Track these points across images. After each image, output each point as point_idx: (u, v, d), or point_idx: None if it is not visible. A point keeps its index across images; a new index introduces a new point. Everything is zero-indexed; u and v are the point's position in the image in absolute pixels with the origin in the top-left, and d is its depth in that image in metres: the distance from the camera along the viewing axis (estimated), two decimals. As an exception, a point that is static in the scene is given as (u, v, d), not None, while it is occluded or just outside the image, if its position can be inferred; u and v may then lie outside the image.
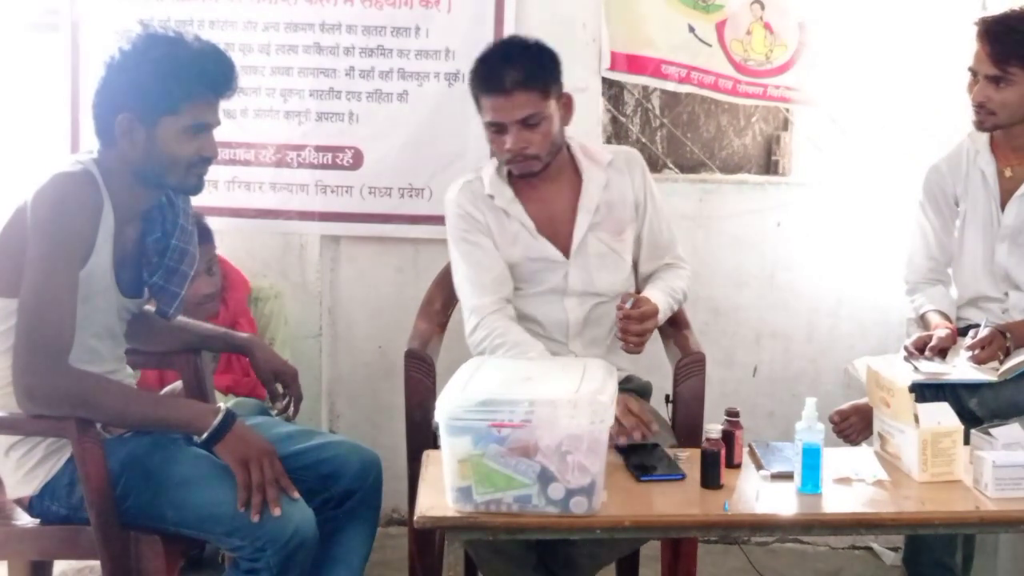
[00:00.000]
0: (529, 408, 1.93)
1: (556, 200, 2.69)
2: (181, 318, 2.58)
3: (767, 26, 3.38)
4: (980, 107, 2.79)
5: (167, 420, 2.21)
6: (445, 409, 1.95)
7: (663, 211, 2.78)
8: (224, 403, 2.33)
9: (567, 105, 2.64)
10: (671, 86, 3.42)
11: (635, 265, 2.79)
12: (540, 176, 2.64)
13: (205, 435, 2.16)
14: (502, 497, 1.95)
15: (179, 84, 2.17)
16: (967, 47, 2.83)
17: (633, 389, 2.66)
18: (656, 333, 2.88)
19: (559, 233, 2.69)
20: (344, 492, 2.36)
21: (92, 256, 2.18)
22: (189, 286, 2.85)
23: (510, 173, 2.68)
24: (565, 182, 2.70)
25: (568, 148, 2.71)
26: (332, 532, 2.34)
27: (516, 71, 2.52)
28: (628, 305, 2.50)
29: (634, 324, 2.50)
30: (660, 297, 2.63)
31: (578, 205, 2.68)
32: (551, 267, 2.68)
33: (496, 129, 2.57)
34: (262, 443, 2.18)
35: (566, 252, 2.68)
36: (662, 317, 2.62)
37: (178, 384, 2.57)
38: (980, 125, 2.83)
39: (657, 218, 2.76)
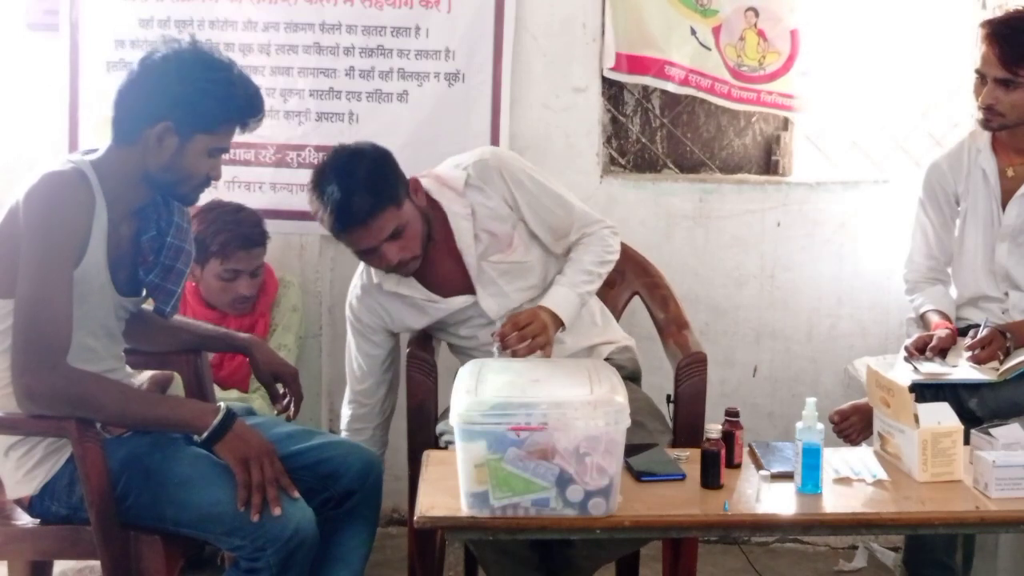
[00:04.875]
0: (546, 411, 1.93)
1: (437, 250, 2.66)
2: (180, 318, 2.59)
3: (760, 33, 3.39)
4: (988, 109, 2.77)
5: (166, 419, 2.21)
6: (459, 413, 1.95)
7: (545, 194, 2.69)
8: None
9: (416, 189, 2.61)
10: (672, 87, 3.42)
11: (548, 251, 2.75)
12: None
13: (205, 434, 2.16)
14: (520, 501, 1.96)
15: (225, 108, 2.23)
16: (962, 46, 2.83)
17: (624, 377, 2.65)
18: (655, 332, 2.90)
19: (457, 281, 2.68)
20: (344, 492, 2.36)
21: (86, 255, 2.18)
22: (224, 285, 2.96)
23: None
24: (436, 229, 2.65)
25: (428, 197, 2.65)
26: (332, 532, 2.34)
27: (362, 200, 2.48)
28: (497, 326, 2.53)
29: (511, 337, 2.48)
30: (557, 292, 2.60)
31: (458, 250, 2.66)
32: (466, 310, 2.69)
33: (368, 255, 2.57)
34: (262, 442, 2.19)
35: (471, 291, 2.68)
36: (568, 307, 2.58)
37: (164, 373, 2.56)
38: (986, 125, 2.82)
39: (539, 205, 2.68)
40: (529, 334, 2.49)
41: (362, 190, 2.49)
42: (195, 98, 2.20)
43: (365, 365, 2.76)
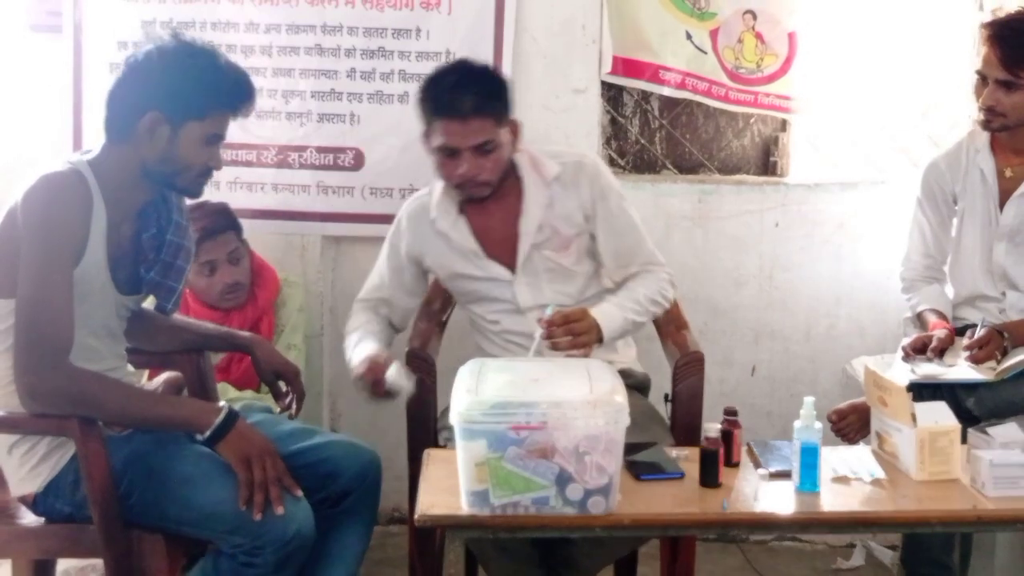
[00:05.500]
0: (546, 410, 1.94)
1: (500, 218, 2.67)
2: (183, 317, 2.60)
3: (758, 35, 3.41)
4: (989, 110, 2.78)
5: (168, 418, 2.23)
6: (460, 412, 1.95)
7: (623, 217, 2.70)
8: (232, 404, 2.34)
9: (515, 131, 2.62)
10: (667, 91, 3.43)
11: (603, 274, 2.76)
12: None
13: (207, 433, 2.17)
14: (520, 500, 1.97)
15: (213, 93, 2.24)
16: (960, 47, 2.83)
17: (631, 386, 2.66)
18: (655, 333, 2.91)
19: (504, 251, 2.68)
20: (342, 491, 2.37)
21: (85, 254, 2.19)
22: (208, 279, 2.94)
23: None
24: (509, 199, 2.66)
25: (515, 164, 2.66)
26: (328, 530, 2.34)
27: (473, 96, 2.49)
28: (547, 312, 2.47)
29: (558, 329, 2.44)
30: (606, 308, 2.57)
31: (519, 228, 2.66)
32: (499, 284, 2.69)
33: (448, 153, 2.54)
34: (264, 441, 2.20)
35: (512, 269, 2.68)
36: (612, 324, 2.53)
37: (175, 374, 2.57)
38: (987, 126, 2.82)
39: (613, 226, 2.69)
40: (577, 330, 2.46)
41: (477, 89, 2.52)
42: (181, 84, 2.21)
43: (382, 276, 2.78)
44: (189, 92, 2.22)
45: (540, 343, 2.43)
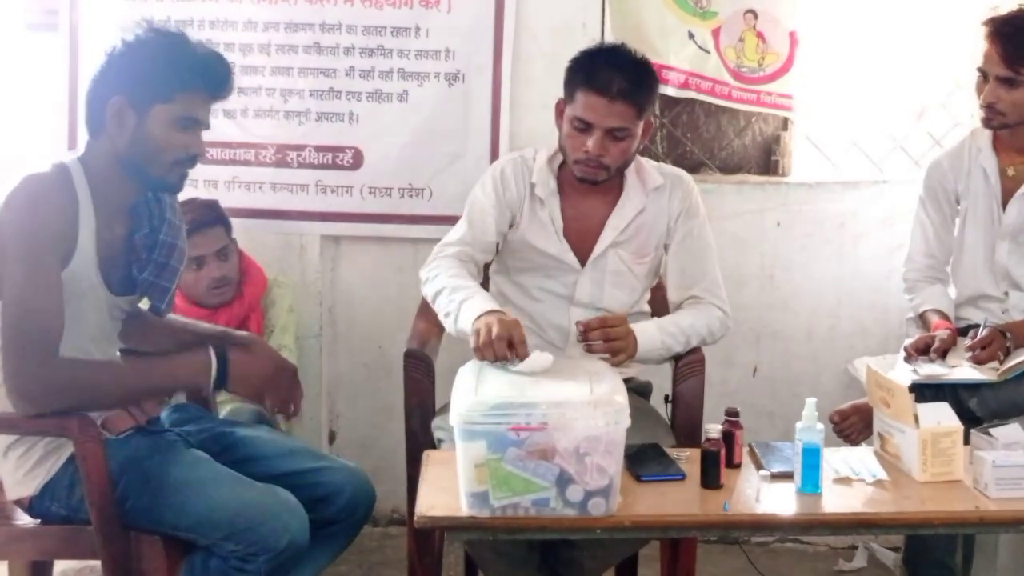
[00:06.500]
0: (546, 411, 1.93)
1: (591, 207, 2.67)
2: (179, 317, 2.58)
3: (759, 35, 3.40)
4: (990, 107, 2.77)
5: (164, 387, 2.27)
6: (460, 413, 1.94)
7: (701, 241, 2.71)
8: (222, 407, 2.33)
9: (647, 131, 2.63)
10: (672, 91, 3.42)
11: (663, 289, 2.77)
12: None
13: (211, 385, 2.22)
14: (520, 501, 1.95)
15: (177, 73, 2.19)
16: (962, 46, 2.83)
17: (632, 389, 2.65)
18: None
19: (583, 240, 2.68)
20: (330, 518, 2.35)
21: (75, 255, 2.17)
22: (195, 274, 2.92)
23: (561, 166, 2.67)
24: (607, 194, 2.67)
25: (620, 171, 2.66)
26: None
27: (626, 80, 2.50)
28: (572, 315, 2.49)
29: (596, 335, 2.44)
30: (645, 327, 2.56)
31: (607, 222, 2.67)
32: (564, 269, 2.68)
33: (581, 127, 2.54)
34: (262, 369, 2.27)
35: (583, 261, 2.68)
36: (649, 343, 2.52)
37: None
38: (987, 123, 2.82)
39: (689, 245, 2.70)
40: (612, 336, 2.45)
41: (632, 75, 2.52)
42: (142, 67, 2.19)
43: (483, 222, 2.67)
44: (152, 75, 2.18)
45: (537, 360, 2.28)
